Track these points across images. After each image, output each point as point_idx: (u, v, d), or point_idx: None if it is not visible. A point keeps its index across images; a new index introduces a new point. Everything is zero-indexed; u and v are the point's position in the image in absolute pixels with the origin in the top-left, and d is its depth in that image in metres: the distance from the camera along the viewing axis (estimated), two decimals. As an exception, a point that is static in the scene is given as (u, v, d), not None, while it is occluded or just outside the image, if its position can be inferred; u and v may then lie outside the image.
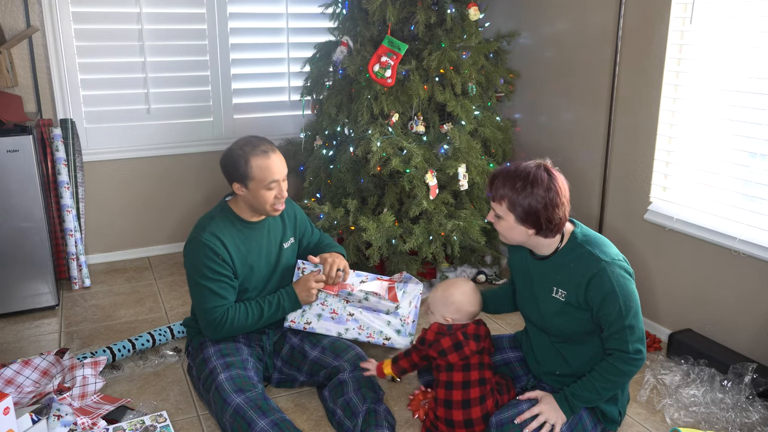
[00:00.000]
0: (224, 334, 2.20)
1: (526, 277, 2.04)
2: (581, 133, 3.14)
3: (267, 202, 2.17)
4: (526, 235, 1.87)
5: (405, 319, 2.32)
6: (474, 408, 1.96)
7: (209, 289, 2.14)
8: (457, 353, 1.97)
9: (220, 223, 2.18)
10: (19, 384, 2.30)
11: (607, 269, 1.82)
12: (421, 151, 2.93)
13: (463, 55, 3.04)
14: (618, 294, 1.81)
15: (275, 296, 2.26)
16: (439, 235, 2.97)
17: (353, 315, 2.32)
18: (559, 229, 1.86)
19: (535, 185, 1.80)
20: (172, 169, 3.67)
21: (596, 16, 2.95)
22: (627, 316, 1.82)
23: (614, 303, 1.81)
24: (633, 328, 1.83)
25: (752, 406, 2.22)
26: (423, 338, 2.03)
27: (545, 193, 1.80)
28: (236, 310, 2.19)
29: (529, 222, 1.83)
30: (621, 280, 1.82)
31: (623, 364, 1.85)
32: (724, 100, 2.50)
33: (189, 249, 2.18)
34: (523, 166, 1.85)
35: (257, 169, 2.12)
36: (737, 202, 2.50)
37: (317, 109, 3.43)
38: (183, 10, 3.46)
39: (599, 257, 1.84)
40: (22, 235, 2.89)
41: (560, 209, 1.82)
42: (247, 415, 1.95)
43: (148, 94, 3.50)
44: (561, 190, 1.83)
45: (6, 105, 2.98)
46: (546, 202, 1.80)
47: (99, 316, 3.00)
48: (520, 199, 1.81)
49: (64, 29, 3.24)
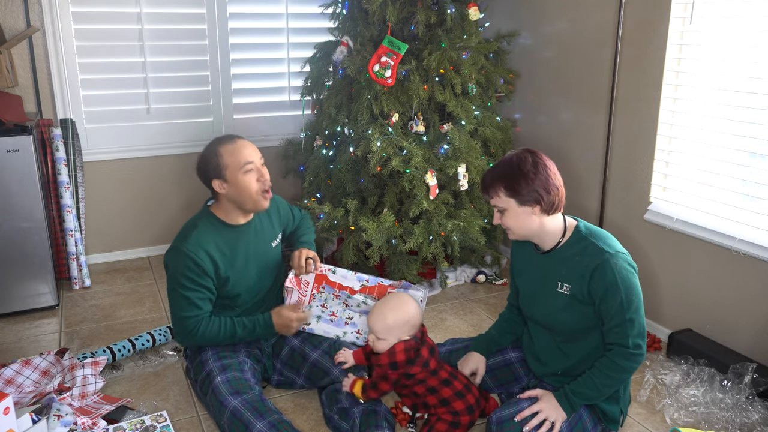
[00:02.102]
0: (193, 343, 2.20)
1: (530, 275, 2.04)
2: (581, 133, 3.14)
3: (251, 188, 2.14)
4: (532, 216, 1.88)
5: None
6: (468, 395, 2.03)
7: (186, 298, 2.13)
8: (434, 358, 2.02)
9: (203, 231, 2.15)
10: (19, 384, 2.30)
11: (610, 261, 1.83)
12: (421, 151, 2.93)
13: (463, 55, 3.04)
14: (620, 286, 1.81)
15: (251, 320, 2.24)
16: (439, 235, 2.97)
17: (352, 318, 2.32)
18: (560, 203, 1.89)
19: (521, 162, 1.86)
20: (172, 169, 3.67)
21: (596, 16, 2.95)
22: (628, 309, 1.82)
23: (616, 295, 1.81)
24: (633, 321, 1.83)
25: (752, 406, 2.22)
26: (394, 363, 1.97)
27: (533, 168, 1.85)
28: (210, 323, 2.17)
29: (530, 198, 1.85)
30: (624, 273, 1.83)
31: (623, 359, 1.85)
32: (724, 100, 2.50)
33: (170, 257, 2.16)
34: (505, 157, 1.92)
35: (228, 155, 2.11)
36: (737, 202, 2.50)
37: (317, 109, 3.43)
38: (183, 10, 3.46)
39: (603, 249, 1.85)
40: (22, 235, 2.89)
41: (553, 179, 1.87)
42: (244, 418, 1.94)
43: (148, 94, 3.50)
44: (548, 163, 1.88)
45: (6, 105, 2.98)
46: (538, 174, 1.84)
47: (99, 316, 3.00)
48: (512, 180, 1.85)
49: (64, 29, 3.24)
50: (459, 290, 3.32)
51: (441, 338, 2.72)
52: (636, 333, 1.84)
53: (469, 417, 2.03)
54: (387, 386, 2.01)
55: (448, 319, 3.00)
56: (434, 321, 2.98)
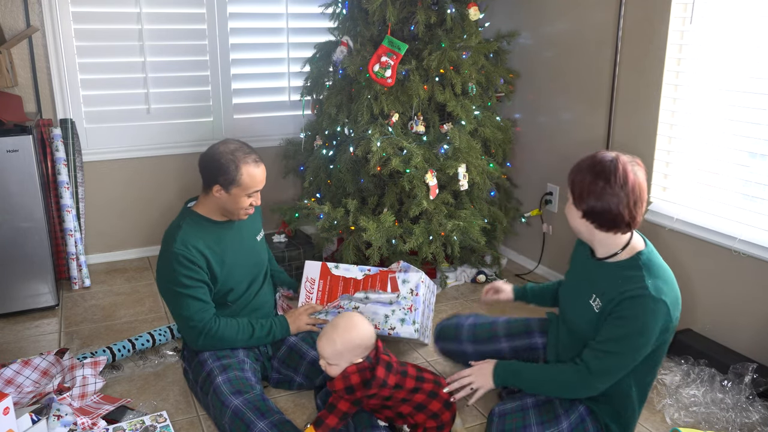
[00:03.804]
0: (210, 344, 2.18)
1: (576, 274, 2.03)
2: (581, 133, 3.14)
3: (242, 207, 2.19)
4: (581, 219, 1.80)
5: (408, 308, 2.33)
6: (439, 392, 1.98)
7: (189, 296, 2.13)
8: (392, 373, 1.91)
9: (189, 230, 2.17)
10: (19, 384, 2.30)
11: (646, 301, 1.71)
12: (421, 151, 2.93)
13: (463, 55, 3.04)
14: (636, 325, 1.71)
15: (268, 321, 2.29)
16: (439, 235, 2.97)
17: (359, 308, 2.36)
18: (616, 225, 1.76)
19: (598, 166, 1.73)
20: (172, 169, 3.67)
21: (596, 16, 2.95)
22: (623, 345, 1.74)
23: (624, 327, 1.73)
24: (616, 358, 1.75)
25: (752, 406, 2.22)
26: (350, 386, 1.85)
27: (604, 179, 1.72)
28: (227, 324, 2.18)
29: (582, 204, 1.77)
30: (650, 319, 1.71)
31: (576, 377, 1.81)
32: (724, 99, 2.50)
33: (162, 263, 2.16)
34: (601, 153, 1.79)
35: (247, 177, 2.13)
36: (737, 202, 2.50)
37: (317, 109, 3.43)
38: (183, 10, 3.46)
39: (647, 287, 1.72)
40: (22, 235, 2.89)
41: (617, 201, 1.72)
42: (245, 417, 1.94)
43: (148, 94, 3.50)
44: (628, 183, 1.72)
45: (6, 105, 2.98)
46: (603, 187, 1.72)
47: (99, 316, 3.00)
48: (576, 177, 1.78)
49: (64, 29, 3.24)
50: (459, 290, 3.32)
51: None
52: (606, 369, 1.78)
53: (449, 412, 2.01)
54: (345, 406, 1.89)
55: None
56: (434, 321, 2.98)
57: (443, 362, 2.58)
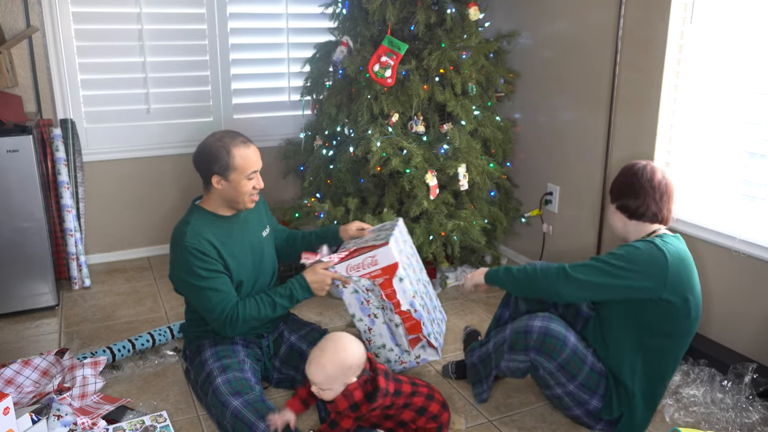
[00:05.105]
0: (240, 329, 2.16)
1: None
2: (581, 133, 3.14)
3: (246, 192, 2.17)
4: (616, 214, 2.07)
5: (402, 362, 2.31)
6: (435, 393, 2.01)
7: (208, 288, 2.12)
8: (390, 381, 1.91)
9: (198, 224, 2.16)
10: (19, 384, 2.30)
11: (648, 245, 1.94)
12: (421, 151, 2.93)
13: (463, 55, 3.04)
14: (627, 252, 1.93)
15: (285, 286, 2.22)
16: (439, 235, 2.97)
17: (377, 316, 2.27)
18: (644, 212, 2.00)
19: (632, 169, 2.04)
20: (172, 169, 3.67)
21: (596, 16, 2.95)
22: (606, 263, 1.94)
23: (616, 253, 1.95)
24: (594, 272, 1.94)
25: (752, 406, 2.22)
26: (354, 404, 1.82)
27: (633, 175, 2.02)
28: (246, 305, 2.16)
29: (615, 193, 2.06)
30: (645, 257, 1.91)
31: (555, 272, 2.01)
32: (724, 99, 2.50)
33: (175, 259, 2.16)
34: (632, 163, 2.08)
35: (240, 159, 2.12)
36: (737, 202, 2.50)
37: (317, 109, 3.43)
38: (183, 10, 3.46)
39: (653, 240, 1.96)
40: (22, 235, 2.89)
41: (647, 188, 2.00)
42: (246, 419, 1.94)
43: (148, 94, 3.50)
44: (654, 180, 2.00)
45: (6, 105, 2.98)
46: (632, 179, 2.01)
47: (99, 316, 3.00)
48: (616, 180, 2.08)
49: (64, 29, 3.24)
50: (459, 290, 3.32)
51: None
52: (583, 276, 1.96)
53: (447, 412, 2.02)
54: (348, 423, 1.85)
55: (448, 319, 3.00)
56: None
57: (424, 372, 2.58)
